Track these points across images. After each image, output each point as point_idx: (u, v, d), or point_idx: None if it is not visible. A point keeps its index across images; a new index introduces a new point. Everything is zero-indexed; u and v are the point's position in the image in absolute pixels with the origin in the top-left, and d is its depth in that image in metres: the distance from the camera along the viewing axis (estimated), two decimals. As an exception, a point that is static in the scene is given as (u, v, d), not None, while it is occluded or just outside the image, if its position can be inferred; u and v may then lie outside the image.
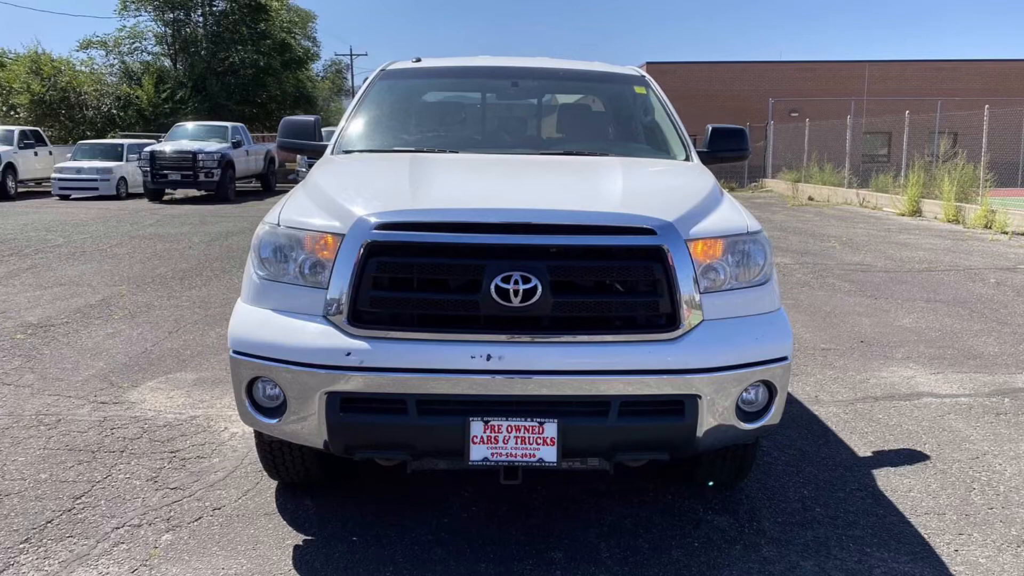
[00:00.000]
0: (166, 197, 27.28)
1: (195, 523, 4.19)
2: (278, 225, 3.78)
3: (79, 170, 27.36)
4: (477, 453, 3.49)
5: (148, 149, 26.67)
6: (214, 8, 49.73)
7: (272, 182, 32.07)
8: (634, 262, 3.56)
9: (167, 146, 26.96)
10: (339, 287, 3.50)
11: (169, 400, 6.09)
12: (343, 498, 4.47)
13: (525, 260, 3.43)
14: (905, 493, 4.60)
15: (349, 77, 77.56)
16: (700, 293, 3.57)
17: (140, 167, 26.86)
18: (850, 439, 5.42)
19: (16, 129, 30.34)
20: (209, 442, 5.27)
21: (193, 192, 27.59)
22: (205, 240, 15.86)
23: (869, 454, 5.18)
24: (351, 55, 76.61)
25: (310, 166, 5.14)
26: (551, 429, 3.47)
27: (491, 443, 3.48)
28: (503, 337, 3.46)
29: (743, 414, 3.69)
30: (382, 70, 6.03)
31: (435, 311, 3.49)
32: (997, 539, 4.09)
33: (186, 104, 44.58)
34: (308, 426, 3.59)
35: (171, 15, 49.50)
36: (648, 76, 6.09)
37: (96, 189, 27.16)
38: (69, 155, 29.56)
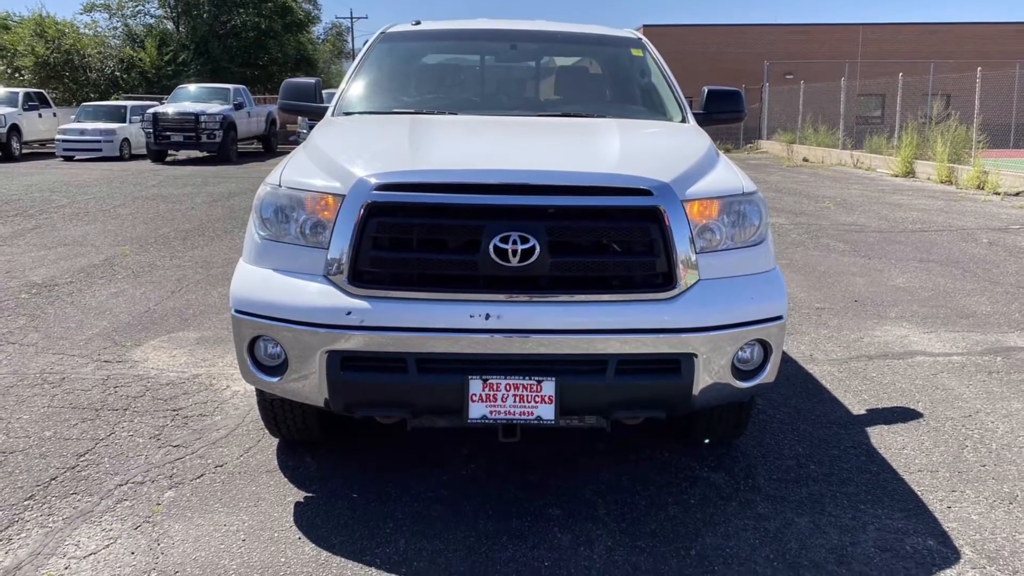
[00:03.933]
0: (169, 158, 27.32)
1: (197, 480, 4.24)
2: (279, 186, 3.80)
3: (83, 132, 27.38)
4: (476, 411, 3.53)
5: (151, 111, 26.72)
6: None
7: (273, 143, 32.05)
8: (631, 222, 3.58)
9: (170, 108, 26.99)
10: (340, 247, 3.52)
11: (172, 359, 6.15)
12: (343, 455, 4.52)
13: (523, 221, 3.46)
14: (898, 451, 4.65)
15: (349, 40, 77.16)
16: (696, 253, 3.60)
17: (143, 129, 27.00)
18: (844, 397, 5.46)
19: (20, 91, 30.54)
20: (211, 400, 5.33)
21: (195, 153, 27.56)
22: (207, 201, 15.86)
23: (863, 412, 5.23)
24: (351, 18, 76.81)
25: (311, 128, 5.15)
26: (549, 387, 3.51)
27: (490, 401, 3.52)
28: (502, 296, 3.49)
29: (739, 372, 3.72)
30: (382, 33, 6.02)
31: (434, 271, 3.52)
32: (989, 496, 4.13)
33: (188, 66, 44.45)
34: (309, 384, 3.63)
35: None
36: (645, 39, 6.06)
37: (99, 150, 27.17)
38: (73, 117, 29.62)
